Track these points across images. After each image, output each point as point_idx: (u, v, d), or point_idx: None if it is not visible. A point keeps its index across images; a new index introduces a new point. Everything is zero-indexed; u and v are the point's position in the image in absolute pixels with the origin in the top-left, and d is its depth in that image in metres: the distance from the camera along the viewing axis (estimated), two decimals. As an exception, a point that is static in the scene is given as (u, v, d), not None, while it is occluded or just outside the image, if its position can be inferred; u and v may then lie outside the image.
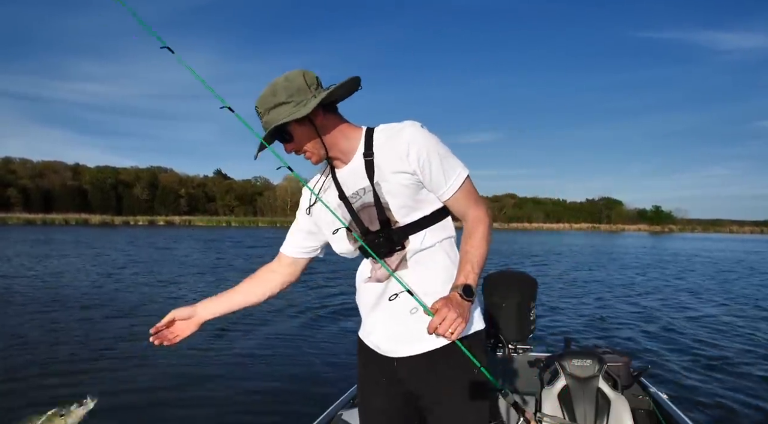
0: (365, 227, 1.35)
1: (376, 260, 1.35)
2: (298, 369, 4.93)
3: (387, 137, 1.32)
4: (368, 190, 1.33)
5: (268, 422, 3.74)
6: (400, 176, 1.29)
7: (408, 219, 1.32)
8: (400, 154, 1.28)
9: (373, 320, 1.42)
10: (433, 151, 1.28)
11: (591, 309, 8.77)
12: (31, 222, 58.31)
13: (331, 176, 1.41)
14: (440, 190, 1.31)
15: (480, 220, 1.32)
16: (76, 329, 6.49)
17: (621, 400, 2.28)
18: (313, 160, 1.35)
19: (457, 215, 1.36)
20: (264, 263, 1.58)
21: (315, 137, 1.31)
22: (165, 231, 45.73)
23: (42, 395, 4.11)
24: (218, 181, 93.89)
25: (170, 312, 1.43)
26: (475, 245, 1.27)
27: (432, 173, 1.29)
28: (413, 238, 1.33)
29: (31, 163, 79.12)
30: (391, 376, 1.40)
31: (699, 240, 53.79)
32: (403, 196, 1.30)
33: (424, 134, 1.29)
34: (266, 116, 1.28)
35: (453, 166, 1.31)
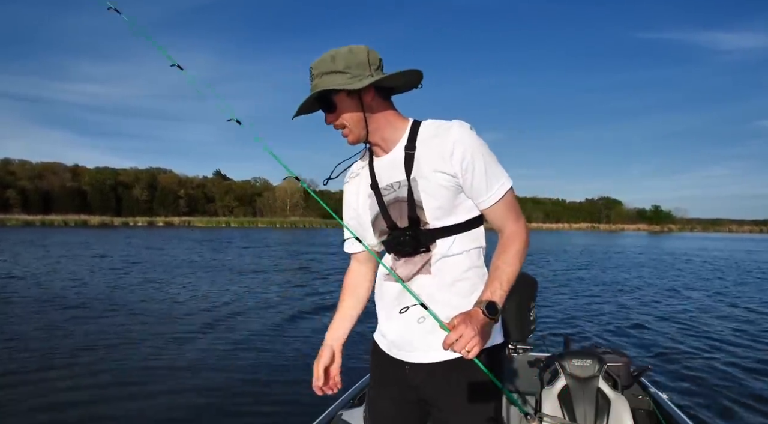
0: (393, 221, 1.29)
1: (398, 258, 1.31)
2: (298, 369, 4.93)
3: (433, 134, 1.26)
4: (403, 184, 1.27)
5: (269, 421, 3.73)
6: (440, 176, 1.23)
7: (439, 222, 1.26)
8: (444, 153, 1.22)
9: (388, 321, 1.38)
10: (479, 155, 1.22)
11: (591, 309, 8.77)
12: (30, 223, 58.26)
13: (368, 164, 1.36)
14: (480, 197, 1.25)
15: (517, 235, 1.25)
16: (75, 329, 6.47)
17: (621, 400, 2.28)
18: (349, 138, 1.29)
19: (494, 226, 1.30)
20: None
21: (359, 115, 1.26)
22: (164, 232, 45.71)
23: (41, 396, 4.11)
24: (217, 182, 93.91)
25: (316, 368, 1.48)
26: (508, 261, 1.21)
27: (474, 179, 1.22)
28: (441, 242, 1.27)
29: (30, 165, 79.10)
30: (403, 381, 1.35)
31: (698, 239, 53.82)
32: (440, 198, 1.24)
33: (472, 137, 1.23)
34: (317, 80, 1.23)
35: (497, 174, 1.24)
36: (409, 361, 1.32)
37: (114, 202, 77.41)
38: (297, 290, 10.70)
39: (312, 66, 1.24)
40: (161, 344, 5.92)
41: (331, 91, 1.22)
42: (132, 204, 78.43)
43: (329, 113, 1.26)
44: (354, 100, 1.24)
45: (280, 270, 14.65)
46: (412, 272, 1.30)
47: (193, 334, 6.44)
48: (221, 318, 7.46)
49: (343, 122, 1.26)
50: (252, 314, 7.90)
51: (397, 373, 1.36)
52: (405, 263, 1.31)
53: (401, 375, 1.35)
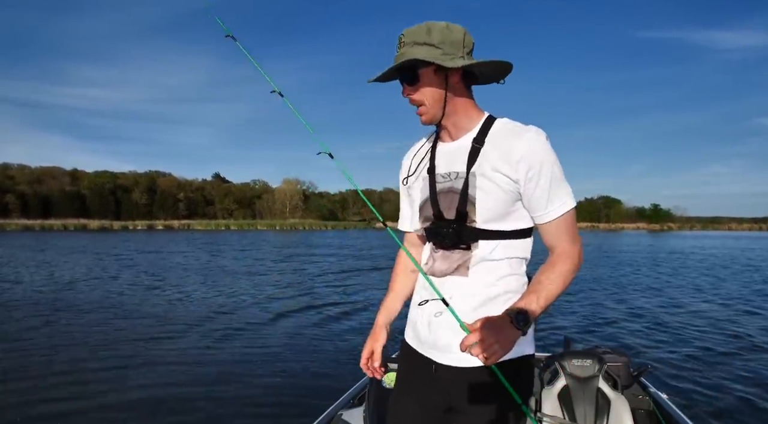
0: (440, 211, 1.25)
1: (436, 250, 1.29)
2: (298, 369, 4.92)
3: (505, 133, 1.21)
4: (461, 176, 1.23)
5: (269, 421, 3.73)
6: (501, 178, 1.18)
7: (487, 224, 1.20)
8: (512, 156, 1.17)
9: (421, 314, 1.32)
10: (547, 168, 1.16)
11: (591, 309, 8.76)
12: (29, 228, 58.19)
13: (430, 148, 1.33)
14: (538, 211, 1.19)
15: (568, 257, 1.18)
16: (76, 333, 6.46)
17: (621, 400, 2.27)
18: (424, 118, 1.24)
19: (546, 243, 1.24)
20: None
21: (441, 94, 1.21)
22: (164, 235, 45.67)
23: (43, 398, 4.10)
24: (217, 185, 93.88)
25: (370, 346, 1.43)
26: (552, 279, 1.15)
27: (536, 190, 1.17)
28: (483, 244, 1.22)
29: (29, 169, 79.08)
30: (431, 382, 1.30)
31: (698, 238, 53.84)
32: (495, 199, 1.19)
33: (545, 148, 1.17)
34: (407, 48, 1.18)
35: (561, 192, 1.18)
36: (436, 361, 1.28)
37: (113, 206, 77.34)
38: (297, 289, 10.68)
39: (404, 33, 1.19)
40: (161, 343, 5.92)
41: (420, 63, 1.17)
42: (131, 208, 78.37)
43: (410, 85, 1.22)
44: (440, 77, 1.20)
45: (280, 271, 14.64)
46: (449, 269, 1.25)
47: (193, 334, 6.43)
48: (220, 318, 7.45)
49: (423, 98, 1.22)
50: (252, 313, 7.89)
51: (424, 372, 1.30)
52: (443, 258, 1.27)
53: (429, 375, 1.29)
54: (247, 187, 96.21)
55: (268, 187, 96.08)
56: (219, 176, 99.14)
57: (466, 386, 1.23)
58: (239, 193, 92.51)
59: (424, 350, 1.31)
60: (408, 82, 1.21)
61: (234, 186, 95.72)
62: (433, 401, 1.30)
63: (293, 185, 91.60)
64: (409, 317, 1.40)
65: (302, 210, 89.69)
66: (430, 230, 1.29)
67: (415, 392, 1.34)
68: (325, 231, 65.85)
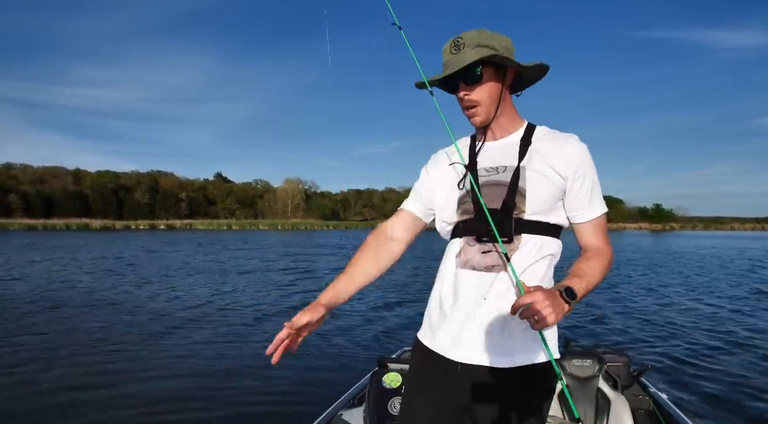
0: (482, 202, 1.23)
1: (472, 244, 1.25)
2: (298, 369, 4.91)
3: (552, 137, 1.28)
4: (510, 169, 1.25)
5: (269, 421, 3.73)
6: (551, 172, 1.22)
7: (535, 216, 1.22)
8: (561, 155, 1.24)
9: (461, 313, 1.24)
10: (591, 172, 1.25)
11: (591, 309, 8.75)
12: (32, 228, 58.36)
13: (468, 146, 1.35)
14: (578, 210, 1.26)
15: (605, 254, 1.24)
16: (80, 331, 6.48)
17: (621, 400, 2.28)
18: (479, 118, 1.27)
19: (582, 242, 1.29)
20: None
21: (497, 93, 1.26)
22: (166, 235, 45.75)
23: (45, 398, 4.11)
24: (218, 185, 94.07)
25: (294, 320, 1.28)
26: (592, 267, 1.19)
27: (580, 191, 1.24)
28: (526, 237, 1.22)
29: (32, 169, 79.35)
30: (449, 384, 1.26)
31: (699, 238, 53.70)
32: (544, 192, 1.22)
33: (589, 155, 1.26)
34: (468, 49, 1.21)
35: (599, 197, 1.27)
36: (467, 362, 1.22)
37: (115, 205, 77.52)
38: (297, 289, 10.69)
39: (461, 36, 1.23)
40: (159, 342, 5.92)
41: (482, 63, 1.21)
42: (133, 207, 78.54)
43: (470, 85, 1.24)
44: (498, 80, 1.25)
45: (281, 270, 14.66)
46: (491, 265, 1.22)
47: (191, 333, 6.43)
48: (220, 318, 7.46)
49: (480, 98, 1.25)
50: (252, 313, 7.89)
51: (443, 375, 1.27)
52: (482, 255, 1.24)
53: (449, 377, 1.26)
54: (249, 187, 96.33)
55: (270, 186, 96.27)
56: (221, 176, 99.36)
57: (488, 388, 1.21)
58: (241, 193, 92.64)
59: (444, 350, 1.27)
60: (470, 81, 1.24)
61: (236, 186, 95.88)
62: (449, 402, 1.27)
63: (295, 185, 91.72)
64: (430, 314, 1.34)
65: (304, 210, 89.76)
66: (469, 222, 1.27)
67: (429, 392, 1.30)
68: (326, 230, 65.89)
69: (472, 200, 1.26)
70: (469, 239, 1.27)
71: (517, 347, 1.20)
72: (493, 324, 1.20)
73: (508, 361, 1.20)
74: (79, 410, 3.90)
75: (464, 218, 1.29)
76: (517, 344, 1.20)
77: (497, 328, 1.20)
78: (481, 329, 1.21)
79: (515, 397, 1.20)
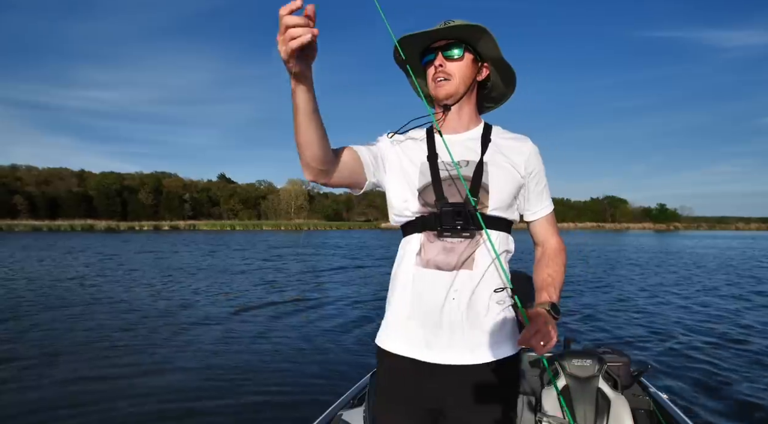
0: (444, 196, 1.22)
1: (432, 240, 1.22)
2: (298, 369, 4.92)
3: (510, 136, 1.34)
4: (472, 164, 1.25)
5: (269, 421, 3.74)
6: (512, 169, 1.27)
7: (496, 212, 1.24)
8: (520, 153, 1.30)
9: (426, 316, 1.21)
10: (543, 173, 1.33)
11: (591, 309, 8.74)
12: (37, 229, 58.65)
13: (426, 137, 1.34)
14: (533, 208, 1.33)
15: (562, 250, 1.34)
16: (84, 330, 6.52)
17: (621, 400, 2.28)
18: (446, 88, 1.26)
19: (537, 238, 1.37)
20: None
21: (470, 78, 1.30)
22: (170, 236, 45.88)
23: (51, 390, 4.15)
24: (222, 186, 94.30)
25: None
26: (558, 270, 1.29)
27: (535, 188, 1.31)
28: (489, 233, 1.21)
29: (37, 171, 79.85)
30: (421, 389, 1.23)
31: (703, 238, 53.43)
32: (506, 188, 1.25)
33: (541, 157, 1.34)
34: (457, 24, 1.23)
35: (548, 195, 1.36)
36: (440, 362, 1.21)
37: (120, 206, 77.83)
38: (298, 288, 10.71)
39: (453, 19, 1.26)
40: (159, 341, 5.94)
41: (472, 42, 1.26)
42: (137, 208, 78.82)
43: (448, 59, 1.26)
44: (474, 68, 1.30)
45: (282, 270, 14.68)
46: (456, 263, 1.20)
47: (191, 333, 6.45)
48: (219, 317, 7.47)
49: (452, 73, 1.27)
50: (252, 313, 7.90)
51: (414, 380, 1.23)
52: (445, 250, 1.21)
53: (419, 379, 1.23)
54: (252, 188, 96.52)
55: (273, 187, 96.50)
56: (224, 177, 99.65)
57: (464, 386, 1.21)
58: (244, 194, 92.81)
59: (413, 352, 1.23)
60: (450, 55, 1.26)
61: (239, 187, 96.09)
62: (424, 408, 1.24)
63: (298, 186, 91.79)
64: (394, 318, 1.29)
65: (307, 210, 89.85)
66: (431, 216, 1.23)
67: (403, 403, 1.26)
68: (329, 231, 65.91)
69: (435, 193, 1.23)
70: (430, 235, 1.23)
71: (489, 343, 1.22)
72: (463, 322, 1.20)
73: (481, 357, 1.20)
74: (83, 402, 3.93)
75: (424, 212, 1.24)
76: (488, 340, 1.22)
77: (467, 326, 1.20)
78: (451, 328, 1.20)
79: (490, 393, 1.22)
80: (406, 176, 1.28)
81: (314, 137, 1.09)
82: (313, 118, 1.06)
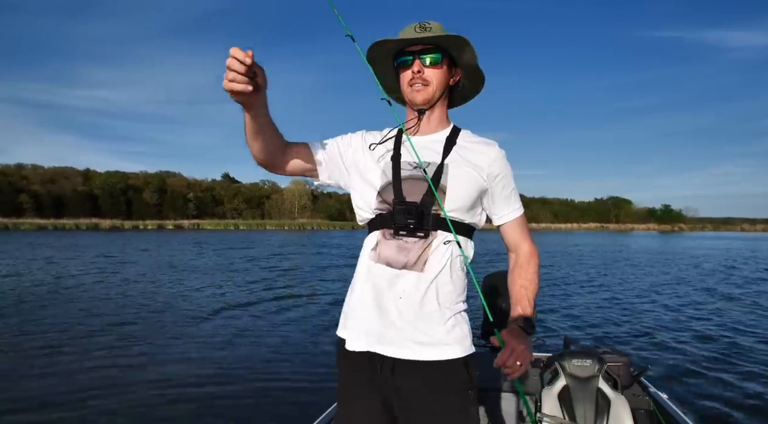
0: (402, 196, 1.25)
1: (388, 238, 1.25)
2: (298, 369, 4.94)
3: (476, 140, 1.35)
4: (434, 165, 1.28)
5: (269, 421, 3.75)
6: (474, 173, 1.27)
7: (453, 214, 1.24)
8: (484, 158, 1.30)
9: (376, 310, 1.24)
10: (510, 176, 1.34)
11: (591, 309, 8.73)
12: (43, 227, 58.91)
13: (394, 139, 1.36)
14: (500, 211, 1.34)
15: (533, 255, 1.33)
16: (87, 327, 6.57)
17: (621, 400, 2.28)
18: (420, 95, 1.29)
19: (508, 242, 1.36)
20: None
21: (445, 84, 1.32)
22: (174, 235, 46.00)
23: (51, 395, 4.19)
24: (226, 185, 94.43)
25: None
26: (531, 279, 1.30)
27: (500, 192, 1.32)
28: (442, 235, 1.23)
29: (43, 169, 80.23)
30: (379, 383, 1.25)
31: (707, 239, 53.09)
32: (465, 191, 1.26)
33: (507, 161, 1.34)
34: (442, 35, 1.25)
35: (517, 198, 1.36)
36: (393, 356, 1.22)
37: (124, 205, 78.05)
38: (298, 289, 10.74)
39: (429, 22, 1.27)
40: (158, 341, 5.98)
41: (450, 48, 1.29)
42: (142, 207, 79.03)
43: (427, 65, 1.28)
44: (449, 73, 1.33)
45: (284, 269, 14.71)
46: (407, 262, 1.22)
47: (191, 332, 6.49)
48: (219, 317, 7.51)
49: (430, 80, 1.29)
50: (252, 313, 7.93)
51: (372, 374, 1.25)
52: (399, 249, 1.23)
53: (378, 375, 1.24)
54: (256, 188, 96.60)
55: (277, 187, 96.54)
56: (228, 176, 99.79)
57: (423, 381, 1.21)
58: (248, 193, 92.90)
59: (371, 346, 1.24)
60: (430, 62, 1.29)
61: (243, 186, 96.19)
62: (382, 403, 1.26)
63: (301, 186, 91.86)
64: (351, 312, 1.31)
65: (310, 210, 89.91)
66: (387, 214, 1.26)
67: (360, 398, 1.28)
68: (333, 230, 65.91)
69: (394, 192, 1.26)
70: (386, 232, 1.26)
71: (435, 343, 1.22)
72: (409, 319, 1.21)
73: (425, 354, 1.21)
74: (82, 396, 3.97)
75: (382, 210, 1.28)
76: (434, 340, 1.22)
77: (414, 323, 1.21)
78: (398, 326, 1.22)
79: (436, 390, 1.21)
80: (369, 174, 1.33)
81: (258, 142, 1.23)
82: (258, 132, 1.20)
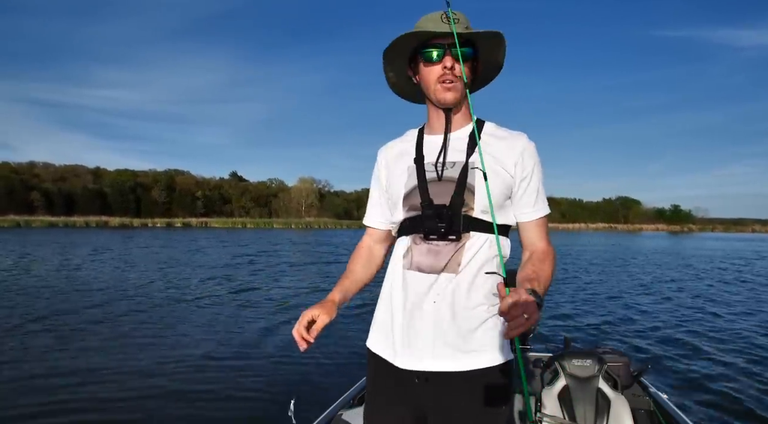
0: (429, 198, 1.20)
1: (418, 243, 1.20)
2: (298, 369, 4.92)
3: (501, 133, 1.26)
4: (459, 165, 1.21)
5: (269, 421, 3.74)
6: (501, 170, 1.20)
7: (483, 215, 1.18)
8: (511, 153, 1.21)
9: (411, 320, 1.19)
10: (538, 171, 1.24)
11: (591, 309, 8.68)
12: (53, 225, 59.63)
13: (416, 141, 1.30)
14: (525, 208, 1.23)
15: (551, 254, 1.23)
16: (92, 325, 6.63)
17: (621, 400, 2.28)
18: (451, 94, 1.21)
19: (527, 241, 1.26)
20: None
21: (470, 80, 1.24)
22: (183, 233, 46.30)
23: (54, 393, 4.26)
24: (234, 184, 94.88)
25: (308, 313, 1.23)
26: (543, 268, 1.17)
27: (528, 189, 1.22)
28: (475, 236, 1.18)
29: (54, 167, 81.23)
30: (413, 396, 1.21)
31: (717, 240, 52.50)
32: (494, 189, 1.17)
33: (537, 154, 1.24)
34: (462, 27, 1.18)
35: (544, 197, 1.26)
36: (426, 370, 1.17)
37: (133, 203, 78.72)
38: (298, 288, 10.77)
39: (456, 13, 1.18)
40: (158, 341, 5.98)
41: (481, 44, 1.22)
42: (151, 205, 79.68)
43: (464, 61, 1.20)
44: (474, 66, 1.25)
45: (290, 269, 14.76)
46: (438, 265, 1.18)
47: (191, 332, 6.49)
48: (219, 317, 7.50)
49: (460, 75, 1.20)
50: (252, 313, 7.91)
51: (401, 385, 1.21)
52: (429, 253, 1.19)
53: (406, 388, 1.21)
54: (264, 186, 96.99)
55: (284, 186, 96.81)
56: (236, 175, 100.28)
57: (448, 394, 1.17)
58: (256, 192, 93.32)
59: (402, 360, 1.20)
60: (463, 56, 1.18)
61: (251, 185, 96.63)
62: (410, 412, 1.23)
63: (309, 184, 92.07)
64: (380, 323, 1.28)
65: (318, 209, 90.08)
66: (416, 218, 1.22)
67: (391, 411, 1.25)
68: (339, 229, 65.96)
69: (421, 196, 1.21)
70: (416, 238, 1.22)
71: (473, 350, 1.17)
72: (445, 327, 1.16)
73: (465, 364, 1.15)
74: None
75: (411, 215, 1.24)
76: (472, 347, 1.16)
77: (450, 331, 1.16)
78: (434, 334, 1.17)
79: (475, 401, 1.16)
80: (397, 181, 1.29)
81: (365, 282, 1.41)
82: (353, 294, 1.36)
